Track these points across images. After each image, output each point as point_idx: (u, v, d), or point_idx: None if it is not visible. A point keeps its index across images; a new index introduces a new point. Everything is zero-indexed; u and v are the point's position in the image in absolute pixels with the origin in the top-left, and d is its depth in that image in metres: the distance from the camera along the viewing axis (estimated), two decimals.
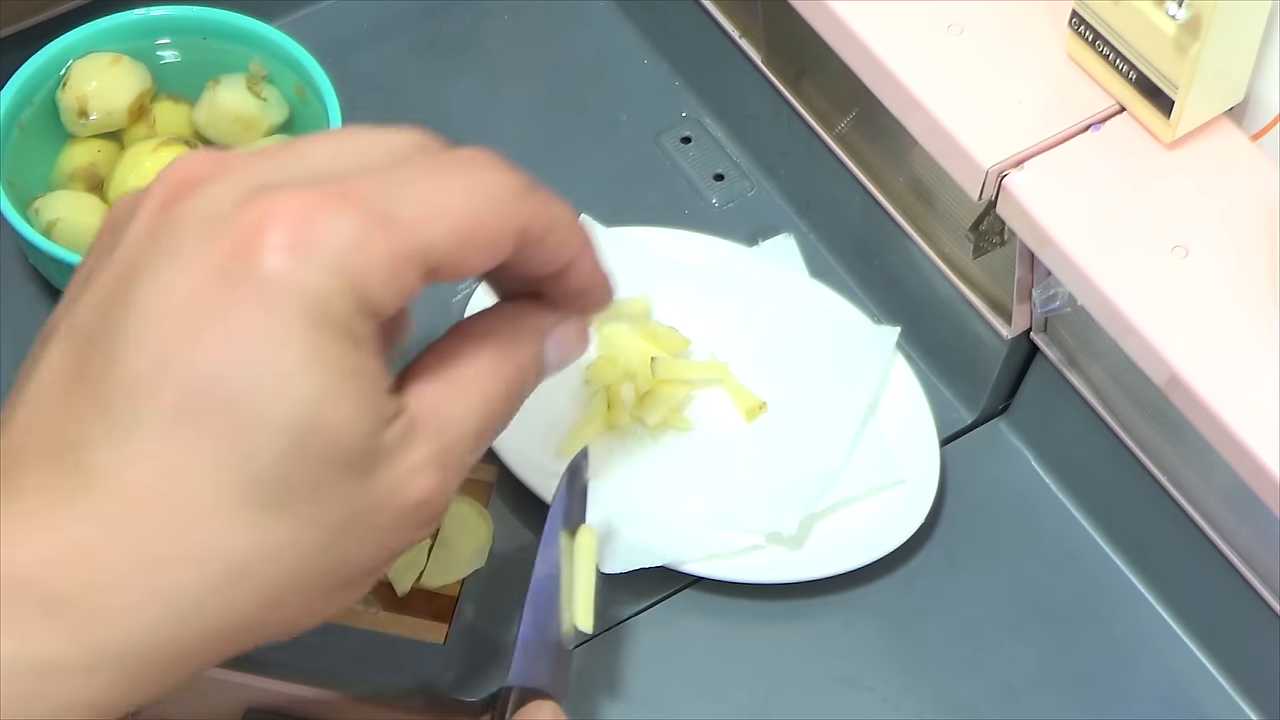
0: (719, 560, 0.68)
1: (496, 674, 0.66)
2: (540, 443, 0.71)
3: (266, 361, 0.46)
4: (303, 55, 0.75)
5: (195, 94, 0.76)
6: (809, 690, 0.67)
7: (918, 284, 0.74)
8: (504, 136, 0.82)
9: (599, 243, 0.56)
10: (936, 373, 0.75)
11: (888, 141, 0.71)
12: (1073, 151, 0.63)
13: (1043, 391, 0.72)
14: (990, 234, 0.68)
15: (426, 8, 0.86)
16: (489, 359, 0.53)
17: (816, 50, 0.68)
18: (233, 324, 0.46)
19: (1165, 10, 0.59)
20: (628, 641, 0.68)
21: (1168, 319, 0.59)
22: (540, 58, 0.85)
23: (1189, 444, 0.64)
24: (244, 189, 0.48)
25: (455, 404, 0.52)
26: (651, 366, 0.71)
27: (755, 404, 0.72)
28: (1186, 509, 0.67)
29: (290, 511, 0.47)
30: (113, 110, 0.74)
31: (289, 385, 0.46)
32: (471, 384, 0.52)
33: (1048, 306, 0.66)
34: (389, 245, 0.48)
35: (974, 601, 0.69)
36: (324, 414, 0.47)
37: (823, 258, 0.78)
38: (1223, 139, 0.63)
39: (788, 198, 0.80)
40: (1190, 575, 0.68)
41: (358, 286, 0.47)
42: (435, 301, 0.76)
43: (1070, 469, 0.72)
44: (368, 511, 0.49)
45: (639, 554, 0.67)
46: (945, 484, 0.71)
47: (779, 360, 0.73)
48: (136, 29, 0.76)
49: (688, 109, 0.83)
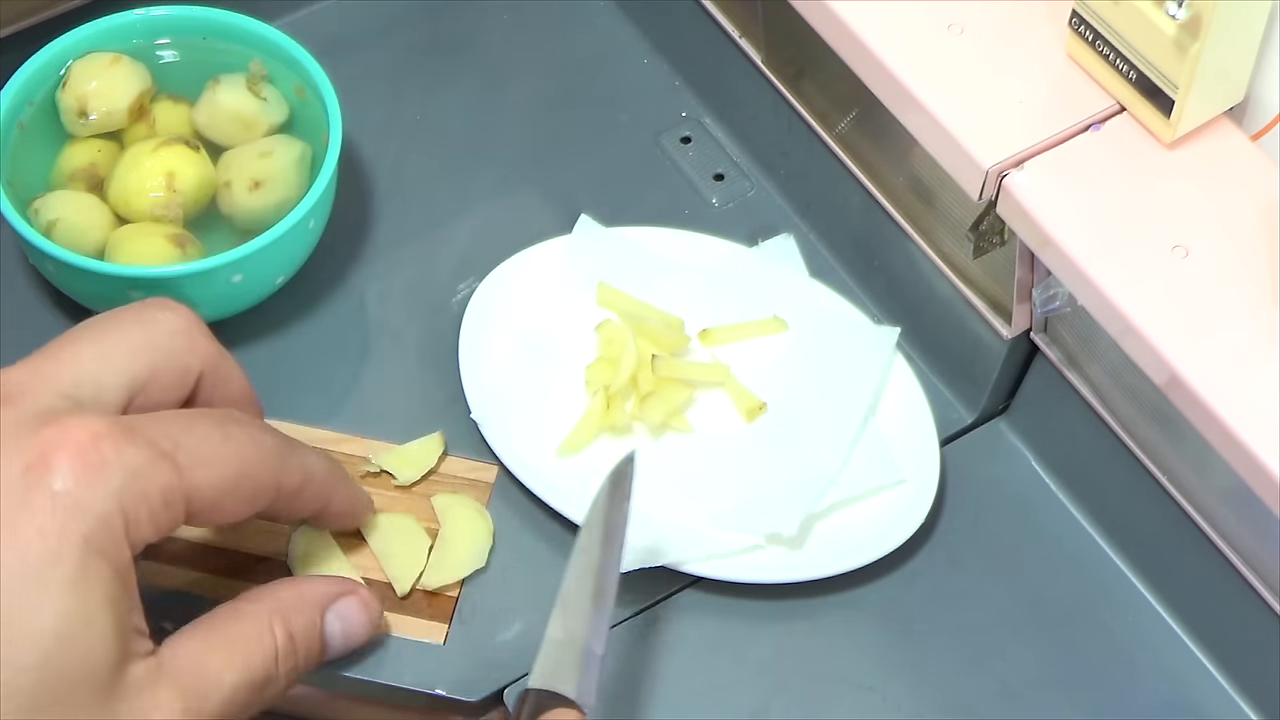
0: (719, 560, 0.68)
1: (496, 674, 0.66)
2: (538, 444, 0.71)
3: (38, 571, 0.50)
4: (303, 55, 0.75)
5: (195, 94, 0.76)
6: (810, 690, 0.67)
7: (918, 284, 0.74)
8: (504, 136, 0.82)
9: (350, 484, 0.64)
10: (936, 373, 0.75)
11: (888, 141, 0.71)
12: (1073, 151, 0.63)
13: (1043, 391, 0.72)
14: (990, 234, 0.68)
15: (426, 8, 0.86)
16: (257, 622, 0.57)
17: (816, 50, 0.68)
18: (15, 532, 0.50)
19: (1165, 10, 0.59)
20: (628, 641, 0.68)
21: (1168, 319, 0.59)
22: (540, 57, 0.85)
23: (1189, 444, 0.64)
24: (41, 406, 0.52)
25: (213, 658, 0.55)
26: (652, 365, 0.71)
27: (755, 404, 0.72)
28: (1186, 509, 0.66)
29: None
30: (112, 110, 0.74)
31: (53, 598, 0.50)
32: (234, 642, 0.56)
33: (1048, 306, 0.66)
34: (164, 481, 0.53)
35: (974, 601, 0.69)
36: (79, 633, 0.50)
37: (823, 258, 0.78)
38: (1223, 139, 0.63)
39: (788, 198, 0.80)
40: (1190, 575, 0.68)
41: (130, 514, 0.52)
42: (435, 301, 0.76)
43: (1070, 469, 0.72)
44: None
45: (639, 555, 0.67)
46: (945, 484, 0.71)
47: (779, 361, 0.73)
48: (136, 29, 0.76)
49: (688, 109, 0.83)
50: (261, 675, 0.57)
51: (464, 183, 0.80)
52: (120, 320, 0.58)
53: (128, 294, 0.70)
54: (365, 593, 0.63)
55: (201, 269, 0.69)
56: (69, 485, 0.51)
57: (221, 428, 0.56)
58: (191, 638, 0.56)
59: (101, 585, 0.51)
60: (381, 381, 0.74)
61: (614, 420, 0.71)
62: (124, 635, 0.52)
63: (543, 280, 0.75)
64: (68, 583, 0.50)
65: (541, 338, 0.73)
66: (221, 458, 0.55)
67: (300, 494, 0.59)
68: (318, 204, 0.71)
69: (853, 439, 0.71)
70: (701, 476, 0.70)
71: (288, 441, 0.59)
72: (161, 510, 0.53)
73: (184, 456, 0.54)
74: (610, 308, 0.74)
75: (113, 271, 0.69)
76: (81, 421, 0.52)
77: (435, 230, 0.78)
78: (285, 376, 0.73)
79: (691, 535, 0.68)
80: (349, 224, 0.78)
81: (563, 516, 0.69)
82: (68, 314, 0.74)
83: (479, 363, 0.72)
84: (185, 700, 0.54)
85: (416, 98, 0.83)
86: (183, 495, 0.53)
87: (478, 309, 0.74)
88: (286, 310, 0.75)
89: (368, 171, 0.80)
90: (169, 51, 0.77)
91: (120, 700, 0.52)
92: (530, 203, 0.79)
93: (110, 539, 0.51)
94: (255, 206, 0.73)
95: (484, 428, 0.71)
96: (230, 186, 0.73)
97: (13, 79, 0.73)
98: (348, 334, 0.75)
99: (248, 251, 0.70)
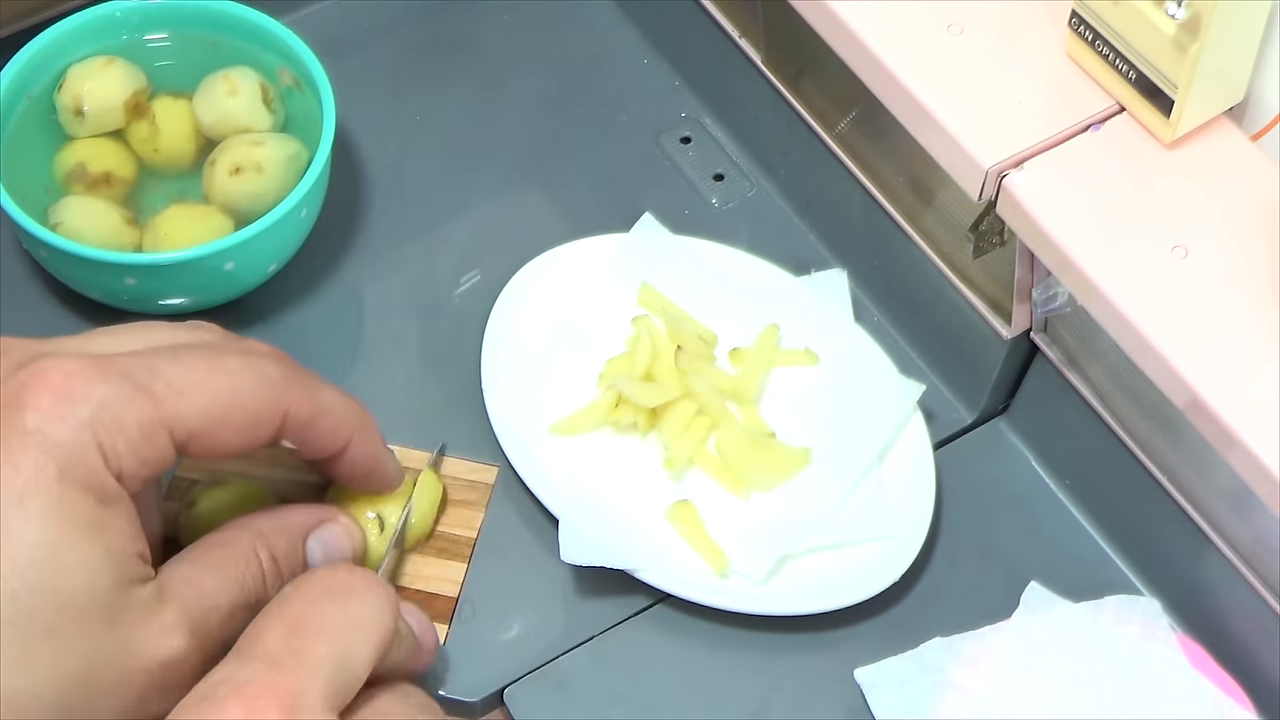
0: (688, 580, 0.67)
1: (496, 674, 0.66)
2: (537, 425, 0.71)
3: (16, 504, 0.51)
4: (299, 46, 0.75)
5: (193, 87, 0.76)
6: (808, 690, 0.67)
7: (918, 284, 0.74)
8: (504, 136, 0.82)
9: (376, 432, 0.62)
10: (936, 373, 0.75)
11: (888, 141, 0.71)
12: (1073, 151, 0.63)
13: (1043, 391, 0.72)
14: (990, 234, 0.68)
15: (426, 8, 0.86)
16: (242, 546, 0.58)
17: (816, 50, 0.68)
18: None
19: (1165, 10, 0.59)
20: (629, 641, 0.68)
21: (1168, 319, 0.59)
22: (540, 58, 0.85)
23: (1189, 444, 0.64)
24: (25, 357, 0.54)
25: (208, 580, 0.56)
26: (676, 357, 0.71)
27: (764, 432, 0.72)
28: (1186, 509, 0.67)
29: (33, 659, 0.51)
30: (108, 108, 0.74)
31: (32, 530, 0.51)
32: (225, 565, 0.57)
33: (1048, 306, 0.66)
34: (139, 411, 0.53)
35: (974, 601, 0.69)
36: (63, 561, 0.51)
37: (823, 258, 0.78)
38: (1223, 139, 0.63)
39: (788, 198, 0.80)
40: (1190, 575, 0.68)
41: (106, 445, 0.52)
42: (435, 298, 0.76)
43: (1070, 469, 0.72)
44: (114, 665, 0.52)
45: (601, 552, 0.67)
46: (945, 483, 0.71)
47: (800, 394, 0.73)
48: (130, 19, 0.77)
49: (688, 109, 0.83)
50: (254, 596, 0.58)
51: (464, 182, 0.80)
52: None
53: (123, 280, 0.70)
54: (348, 520, 0.63)
55: (193, 256, 0.70)
56: (39, 421, 0.52)
57: (211, 359, 0.56)
58: (184, 563, 0.57)
59: (84, 513, 0.52)
60: (379, 379, 0.74)
61: (618, 418, 0.71)
62: (118, 561, 0.53)
63: (589, 271, 0.75)
64: (46, 514, 0.51)
65: (574, 325, 0.73)
66: (208, 387, 0.55)
67: (314, 425, 0.59)
68: (310, 192, 0.72)
69: (852, 486, 0.70)
70: (695, 496, 0.70)
71: (301, 373, 0.59)
72: (141, 440, 0.53)
73: (162, 387, 0.54)
74: (649, 309, 0.74)
75: (107, 258, 0.70)
76: (54, 362, 0.53)
77: (435, 229, 0.78)
78: None
79: (658, 549, 0.68)
80: (349, 223, 0.78)
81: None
82: (65, 302, 0.75)
83: (504, 337, 0.72)
84: (189, 621, 0.54)
85: (416, 97, 0.83)
86: (162, 425, 0.54)
87: (516, 288, 0.74)
88: (283, 305, 0.76)
89: (367, 171, 0.80)
90: (165, 45, 0.77)
91: (123, 626, 0.53)
92: (530, 202, 0.79)
93: (87, 469, 0.52)
94: (232, 191, 0.73)
95: (488, 395, 0.71)
96: (214, 166, 0.74)
97: (8, 66, 0.74)
98: (344, 332, 0.75)
99: (240, 239, 0.70)
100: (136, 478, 0.54)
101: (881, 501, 0.70)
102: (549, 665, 0.67)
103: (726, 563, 0.68)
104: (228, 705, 0.50)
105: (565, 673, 0.67)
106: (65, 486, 0.51)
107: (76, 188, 0.74)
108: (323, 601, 0.55)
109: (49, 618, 0.51)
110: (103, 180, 0.74)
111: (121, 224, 0.73)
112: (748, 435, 0.71)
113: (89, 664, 0.52)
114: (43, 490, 0.51)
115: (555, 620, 0.68)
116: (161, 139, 0.75)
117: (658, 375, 0.71)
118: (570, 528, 0.67)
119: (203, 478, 0.68)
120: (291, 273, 0.75)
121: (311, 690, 0.51)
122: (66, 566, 0.51)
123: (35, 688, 0.51)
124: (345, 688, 0.53)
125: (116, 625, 0.52)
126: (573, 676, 0.67)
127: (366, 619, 0.55)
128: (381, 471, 0.64)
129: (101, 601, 0.52)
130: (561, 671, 0.67)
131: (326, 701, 0.52)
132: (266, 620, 0.54)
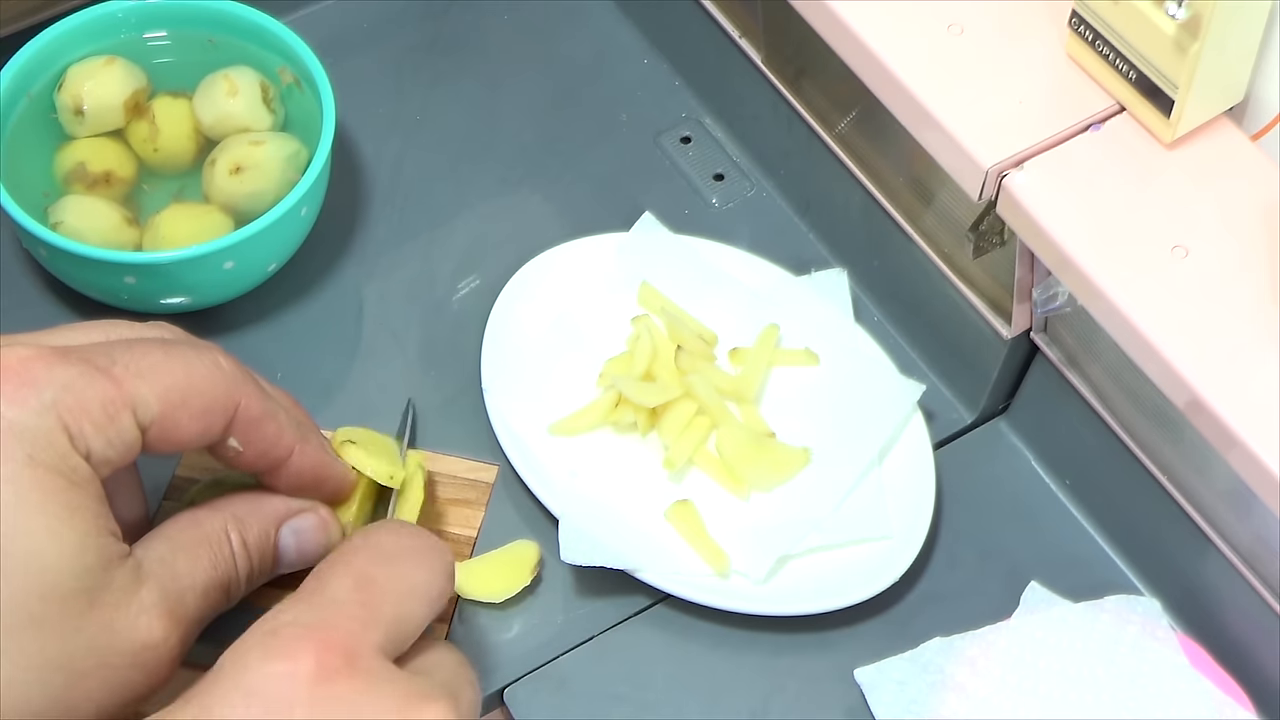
0: (688, 580, 0.67)
1: (496, 674, 0.66)
2: (538, 424, 0.71)
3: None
4: (298, 44, 0.75)
5: (192, 87, 0.76)
6: (808, 690, 0.67)
7: (918, 284, 0.74)
8: (504, 136, 0.82)
9: (321, 440, 0.62)
10: (936, 373, 0.75)
11: (888, 141, 0.71)
12: (1073, 151, 0.63)
13: (1043, 391, 0.72)
14: (990, 234, 0.68)
15: (426, 8, 0.86)
16: (214, 527, 0.59)
17: (816, 50, 0.68)
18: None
19: (1165, 10, 0.59)
20: (629, 641, 0.68)
21: (1168, 319, 0.59)
22: (540, 58, 0.85)
23: (1189, 444, 0.64)
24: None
25: (181, 560, 0.57)
26: (676, 358, 0.71)
27: (764, 431, 0.72)
28: (1186, 509, 0.67)
29: (17, 648, 0.51)
30: (107, 107, 0.74)
31: (6, 516, 0.50)
32: (198, 545, 0.58)
33: (1048, 306, 0.66)
34: (101, 391, 0.53)
35: (974, 601, 0.69)
36: (37, 547, 0.51)
37: (823, 258, 0.78)
38: (1223, 139, 0.63)
39: (788, 198, 0.80)
40: (1190, 575, 0.68)
41: (71, 427, 0.52)
42: (435, 298, 0.76)
43: (1070, 469, 0.72)
44: (97, 648, 0.52)
45: (601, 552, 0.67)
46: (944, 483, 0.71)
47: (800, 394, 0.73)
48: (130, 19, 0.77)
49: (688, 109, 0.83)
50: (225, 577, 0.58)
51: (464, 182, 0.80)
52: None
53: (123, 279, 0.70)
54: (326, 513, 0.63)
55: (192, 255, 0.70)
56: (2, 408, 0.52)
57: (166, 347, 0.56)
58: (157, 540, 0.57)
59: (57, 496, 0.52)
60: (379, 379, 0.74)
61: (618, 418, 0.71)
62: (97, 541, 0.53)
63: (589, 271, 0.75)
64: (19, 499, 0.51)
65: (574, 324, 0.73)
66: (166, 371, 0.55)
67: (262, 425, 0.59)
68: (310, 192, 0.72)
69: (852, 485, 0.70)
70: (695, 496, 0.70)
71: (251, 374, 0.59)
72: (105, 421, 0.53)
73: (121, 370, 0.54)
74: (649, 308, 0.74)
75: (107, 257, 0.70)
76: (11, 350, 0.53)
77: (435, 229, 0.78)
78: (279, 369, 0.73)
79: (659, 549, 0.68)
80: (348, 222, 0.78)
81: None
82: (65, 301, 0.75)
83: (504, 336, 0.72)
84: (166, 600, 0.55)
85: (417, 97, 0.83)
86: (125, 405, 0.54)
87: (516, 288, 0.74)
88: (282, 304, 0.76)
89: (368, 170, 0.80)
90: (163, 44, 0.77)
91: (104, 606, 0.53)
92: (530, 202, 0.79)
93: (55, 453, 0.52)
94: (232, 191, 0.73)
95: (488, 395, 0.71)
96: (214, 165, 0.74)
97: (8, 66, 0.74)
98: (344, 332, 0.75)
99: (239, 238, 0.70)
100: (105, 461, 0.54)
101: (881, 501, 0.70)
102: (549, 665, 0.67)
103: (726, 563, 0.68)
104: (296, 645, 0.51)
105: (565, 672, 0.67)
106: (36, 471, 0.51)
107: (76, 187, 0.74)
108: (389, 562, 0.56)
109: (32, 606, 0.51)
110: (102, 180, 0.74)
111: (121, 223, 0.73)
112: (748, 435, 0.71)
113: (73, 648, 0.52)
114: (13, 476, 0.51)
115: (555, 620, 0.68)
116: (161, 138, 0.75)
117: (658, 375, 0.71)
118: (570, 527, 0.67)
119: (202, 477, 0.68)
120: (291, 272, 0.75)
121: (373, 640, 0.53)
122: (45, 551, 0.51)
123: (20, 675, 0.51)
124: (401, 644, 0.55)
125: (98, 606, 0.52)
126: (573, 676, 0.67)
127: (426, 584, 0.56)
128: (329, 481, 0.64)
129: (82, 584, 0.52)
130: (561, 671, 0.67)
131: (383, 653, 0.53)
132: (333, 571, 0.55)
